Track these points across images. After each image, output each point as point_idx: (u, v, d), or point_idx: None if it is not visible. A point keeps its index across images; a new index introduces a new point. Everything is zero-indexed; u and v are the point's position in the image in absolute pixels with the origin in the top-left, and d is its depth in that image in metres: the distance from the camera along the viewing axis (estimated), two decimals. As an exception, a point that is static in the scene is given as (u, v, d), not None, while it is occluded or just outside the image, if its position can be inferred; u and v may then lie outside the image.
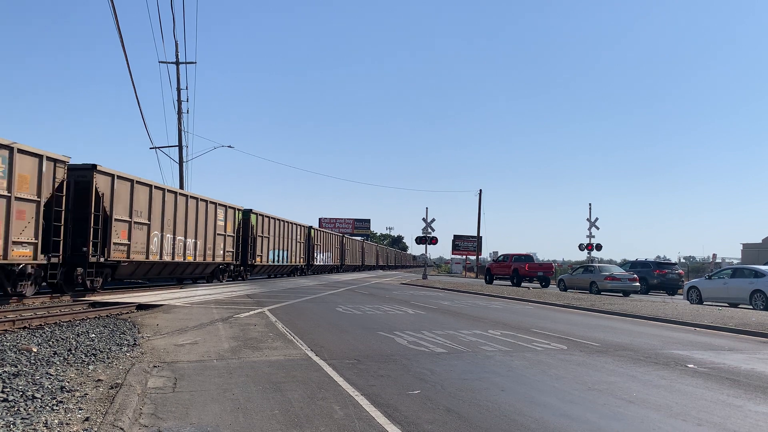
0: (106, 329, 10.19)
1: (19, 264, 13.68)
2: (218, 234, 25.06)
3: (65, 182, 15.06)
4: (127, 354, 7.97)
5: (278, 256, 33.91)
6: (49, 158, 14.32)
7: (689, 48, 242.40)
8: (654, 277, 30.61)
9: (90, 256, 15.84)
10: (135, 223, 18.14)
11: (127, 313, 13.08)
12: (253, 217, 29.40)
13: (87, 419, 4.82)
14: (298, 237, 38.74)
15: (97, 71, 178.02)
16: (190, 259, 22.43)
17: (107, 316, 12.33)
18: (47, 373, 6.44)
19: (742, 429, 5.21)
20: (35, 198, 13.89)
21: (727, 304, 21.92)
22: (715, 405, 6.06)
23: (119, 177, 17.24)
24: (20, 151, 13.34)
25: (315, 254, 43.34)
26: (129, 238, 17.83)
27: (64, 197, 15.00)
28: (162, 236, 19.96)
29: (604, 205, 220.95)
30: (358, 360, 8.06)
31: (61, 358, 7.37)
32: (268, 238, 31.85)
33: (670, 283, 30.76)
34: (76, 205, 15.83)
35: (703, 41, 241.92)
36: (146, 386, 6.15)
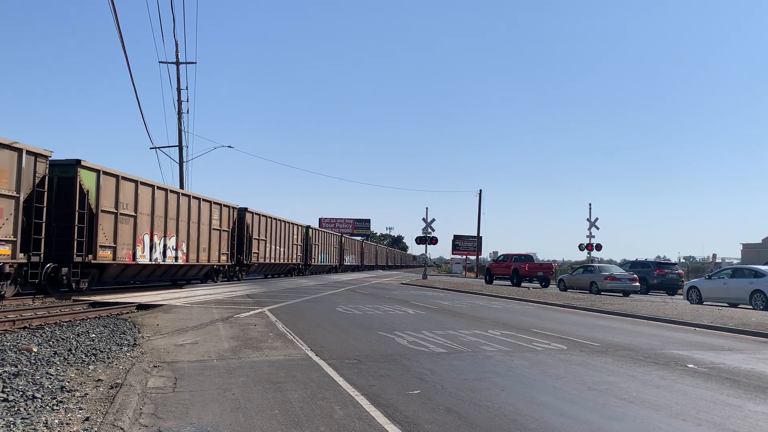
0: (107, 329, 10.19)
1: (216, 264, 25.24)
2: (294, 243, 37.94)
3: (236, 218, 27.48)
4: (128, 354, 7.98)
5: (323, 258, 46.95)
6: (231, 207, 26.58)
7: (689, 48, 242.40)
8: (654, 277, 30.59)
9: (244, 260, 28.71)
10: (260, 239, 30.89)
11: (127, 313, 13.08)
12: (310, 231, 42.47)
13: (87, 419, 4.82)
14: (335, 244, 52.16)
15: (98, 71, 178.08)
16: (282, 261, 35.27)
17: (107, 316, 12.33)
18: (47, 373, 6.44)
19: (742, 429, 5.21)
20: (227, 229, 26.00)
21: (726, 304, 21.92)
22: (715, 405, 6.06)
23: (255, 213, 29.97)
24: (225, 206, 25.86)
25: (344, 257, 56.36)
26: (258, 249, 30.48)
27: (237, 227, 27.64)
28: (271, 247, 32.68)
29: (604, 205, 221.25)
30: (358, 360, 8.06)
31: (62, 358, 7.37)
32: (318, 245, 44.81)
33: (670, 283, 30.74)
34: (238, 231, 27.86)
35: (703, 41, 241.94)
36: (146, 386, 6.15)
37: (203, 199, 23.44)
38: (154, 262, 19.32)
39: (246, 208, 28.64)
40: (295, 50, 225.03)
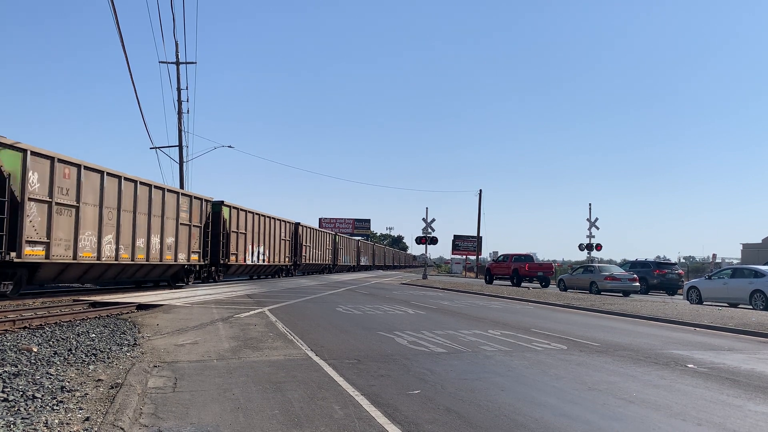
0: (107, 329, 10.19)
1: (283, 264, 35.42)
2: (326, 248, 48.31)
3: (293, 230, 37.71)
4: (128, 354, 7.98)
5: (346, 259, 58.02)
6: (291, 222, 36.99)
7: (689, 48, 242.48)
8: (654, 277, 30.57)
9: (297, 261, 38.55)
10: (306, 245, 40.60)
11: (128, 313, 13.08)
12: (337, 238, 53.88)
13: (87, 419, 4.82)
14: (353, 247, 63.31)
15: (98, 71, 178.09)
16: (318, 261, 45.45)
17: (107, 315, 12.33)
18: (47, 373, 6.45)
19: (742, 429, 5.21)
20: (288, 239, 36.28)
21: (726, 304, 21.92)
22: (714, 405, 6.06)
23: (304, 226, 40.14)
24: (288, 222, 36.42)
25: (360, 258, 66.79)
26: (305, 252, 40.24)
27: (294, 237, 37.71)
28: (312, 251, 42.55)
29: (604, 205, 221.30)
30: (358, 360, 8.06)
31: (62, 358, 7.38)
32: (342, 248, 55.80)
33: (670, 283, 30.72)
34: (294, 239, 37.83)
35: (703, 41, 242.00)
36: (146, 386, 6.15)
37: (276, 219, 33.52)
38: (253, 263, 29.59)
39: (299, 223, 39.18)
40: (295, 50, 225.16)
